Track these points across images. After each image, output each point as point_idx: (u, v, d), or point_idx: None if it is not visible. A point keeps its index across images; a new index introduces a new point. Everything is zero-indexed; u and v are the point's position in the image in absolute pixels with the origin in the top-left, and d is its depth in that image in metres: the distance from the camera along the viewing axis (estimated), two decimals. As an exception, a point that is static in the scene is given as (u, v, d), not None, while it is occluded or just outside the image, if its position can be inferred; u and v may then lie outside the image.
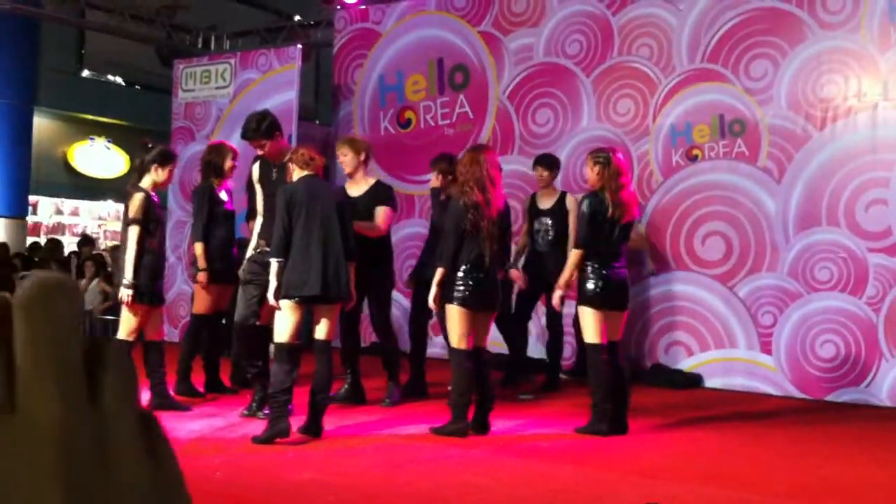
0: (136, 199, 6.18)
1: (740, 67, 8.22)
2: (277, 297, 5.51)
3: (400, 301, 9.46)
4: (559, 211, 7.57)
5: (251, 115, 6.46)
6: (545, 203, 7.70)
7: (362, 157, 6.77)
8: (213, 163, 7.12)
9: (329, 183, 7.73)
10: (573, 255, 5.88)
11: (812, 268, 7.77)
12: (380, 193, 6.72)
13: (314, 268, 5.48)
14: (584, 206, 5.88)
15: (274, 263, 5.55)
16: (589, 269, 5.80)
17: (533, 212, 7.74)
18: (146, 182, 6.29)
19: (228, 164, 7.08)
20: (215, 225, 7.03)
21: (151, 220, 6.24)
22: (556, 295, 5.98)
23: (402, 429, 6.00)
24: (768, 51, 8.10)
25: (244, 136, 6.31)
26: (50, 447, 0.42)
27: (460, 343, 5.71)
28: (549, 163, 7.80)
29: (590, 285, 5.78)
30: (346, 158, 6.76)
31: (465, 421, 5.69)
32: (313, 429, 5.54)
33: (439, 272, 5.76)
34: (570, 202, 7.58)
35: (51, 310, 0.43)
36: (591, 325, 5.79)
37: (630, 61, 8.81)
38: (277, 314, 5.59)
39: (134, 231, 6.16)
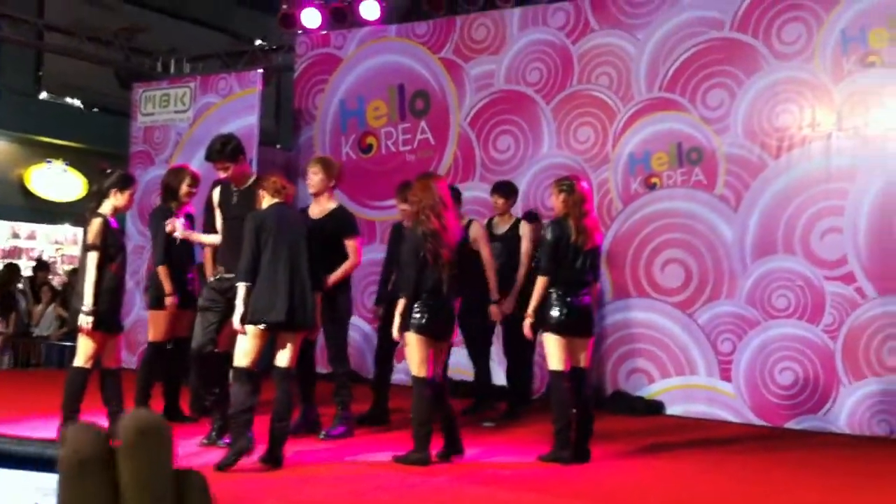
0: (95, 225, 6.11)
1: (697, 96, 8.33)
2: (244, 321, 5.46)
3: (360, 326, 9.44)
4: (512, 237, 7.59)
5: (216, 137, 6.40)
6: (500, 228, 7.74)
7: (332, 182, 6.74)
8: (170, 186, 7.04)
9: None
10: (539, 282, 5.90)
11: (770, 295, 7.86)
12: (342, 220, 6.67)
13: (281, 294, 5.45)
14: (548, 234, 5.92)
15: (241, 287, 5.50)
16: (553, 295, 5.82)
17: (489, 237, 7.76)
18: (106, 207, 6.22)
19: (184, 188, 6.96)
20: (171, 249, 6.95)
21: (111, 246, 6.17)
22: (526, 323, 5.98)
23: (365, 456, 5.96)
24: (725, 80, 8.22)
25: (208, 157, 6.26)
26: None
27: (419, 370, 5.70)
28: (505, 191, 7.81)
29: (554, 312, 5.80)
30: (316, 178, 6.66)
31: (427, 450, 5.67)
32: (274, 458, 5.48)
33: (402, 302, 5.74)
34: (524, 228, 7.62)
35: (152, 455, 0.52)
36: (553, 351, 5.82)
37: (590, 89, 8.89)
38: (240, 339, 5.53)
39: (93, 257, 6.09)
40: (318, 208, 6.68)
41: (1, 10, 11.71)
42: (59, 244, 16.15)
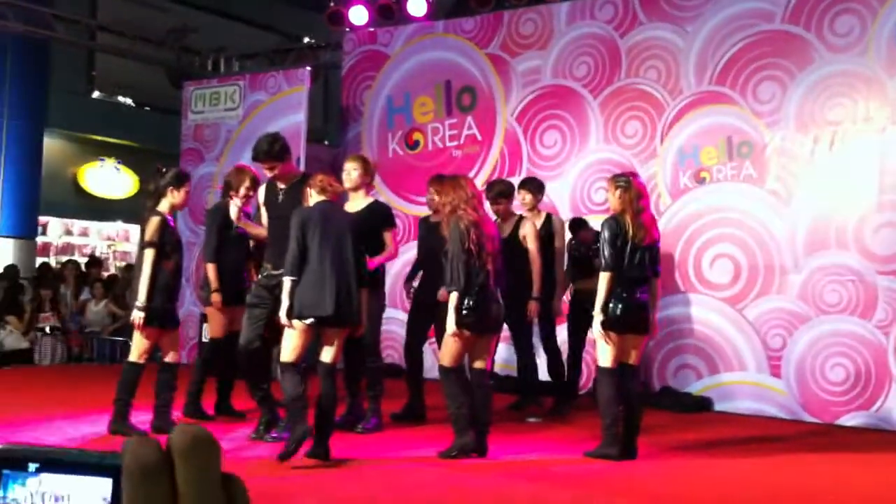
0: (153, 223, 6.22)
1: (748, 90, 8.23)
2: (290, 316, 5.50)
3: (403, 319, 9.47)
4: (544, 234, 7.50)
5: (263, 136, 6.47)
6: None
7: (369, 178, 6.79)
8: (229, 183, 7.07)
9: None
10: (604, 278, 5.80)
11: (821, 290, 7.74)
12: (381, 213, 6.70)
13: (328, 290, 5.48)
14: (605, 230, 5.84)
15: (287, 282, 5.53)
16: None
17: None
18: (164, 205, 6.32)
19: (243, 190, 6.94)
20: (226, 247, 7.00)
21: (167, 244, 6.26)
22: (596, 322, 5.80)
23: (407, 452, 5.97)
24: (776, 73, 8.11)
25: (255, 157, 6.33)
26: None
27: (452, 362, 5.70)
28: (533, 186, 7.73)
29: (610, 308, 5.73)
30: (355, 174, 6.68)
31: (469, 435, 5.65)
32: (321, 452, 5.51)
33: (455, 297, 5.70)
34: (556, 225, 7.56)
35: (204, 464, 0.60)
36: (605, 347, 5.77)
37: (638, 83, 8.82)
38: (286, 334, 5.57)
39: (150, 254, 6.19)
40: (355, 204, 6.70)
41: (54, 11, 11.92)
42: (111, 241, 16.41)
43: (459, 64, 9.96)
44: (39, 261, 14.07)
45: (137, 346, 6.31)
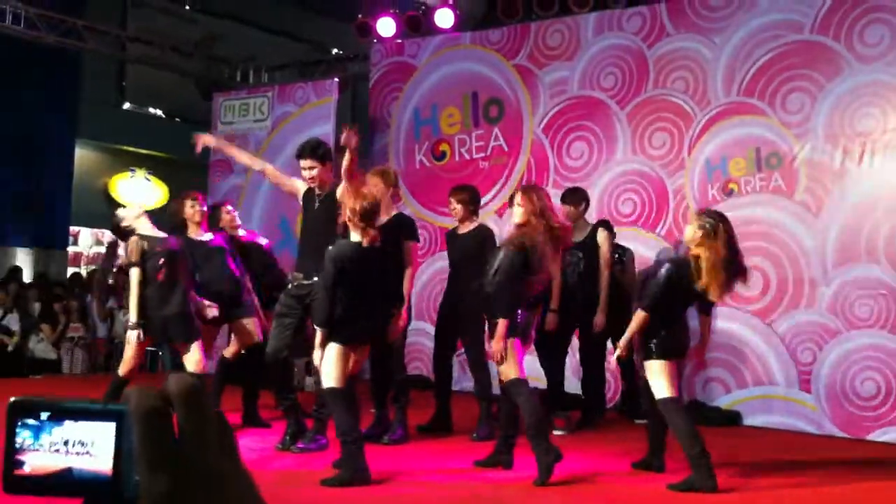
0: (130, 244, 6.33)
1: (777, 101, 8.16)
2: (323, 346, 5.46)
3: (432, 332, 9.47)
4: (590, 245, 7.47)
5: (311, 138, 6.79)
6: (576, 236, 7.57)
7: (391, 189, 6.78)
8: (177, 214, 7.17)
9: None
10: (638, 317, 5.53)
11: (851, 304, 7.66)
12: (403, 225, 6.71)
13: (363, 311, 5.50)
14: (662, 272, 5.56)
15: (319, 333, 5.47)
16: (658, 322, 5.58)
17: None
18: (144, 224, 6.47)
19: (187, 210, 7.07)
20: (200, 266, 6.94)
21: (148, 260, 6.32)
22: (622, 345, 5.72)
23: (436, 464, 5.96)
24: (805, 84, 8.04)
25: (299, 154, 6.41)
26: (213, 481, 0.70)
27: (518, 372, 5.59)
28: (575, 198, 7.67)
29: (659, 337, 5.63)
30: (374, 190, 6.68)
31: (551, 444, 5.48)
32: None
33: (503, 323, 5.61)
34: (601, 236, 7.49)
35: (199, 401, 0.71)
36: (660, 376, 5.59)
37: (665, 94, 8.78)
38: (327, 358, 5.47)
39: (134, 273, 6.28)
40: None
41: (85, 22, 12.05)
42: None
43: (486, 75, 9.96)
44: (71, 271, 14.21)
45: (126, 362, 6.41)
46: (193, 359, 6.33)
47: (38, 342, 10.65)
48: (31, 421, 0.74)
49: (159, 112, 16.21)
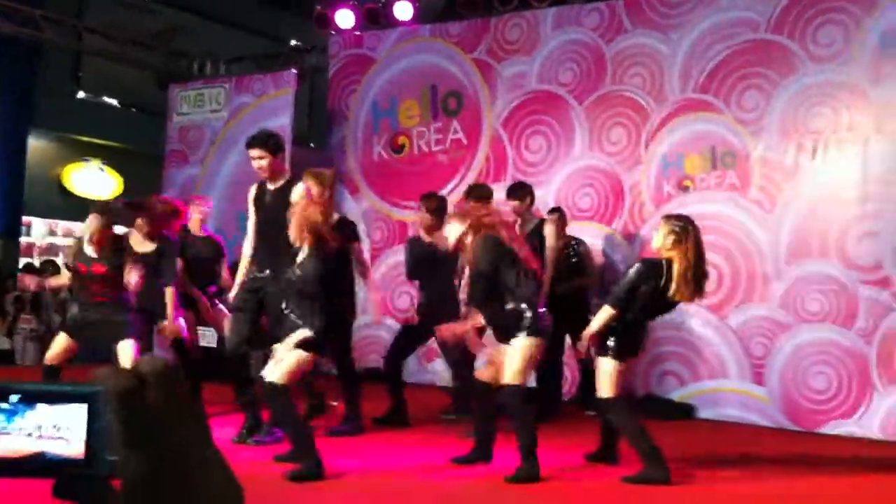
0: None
1: (732, 98, 8.26)
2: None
3: (393, 326, 9.47)
4: (536, 238, 7.45)
5: (262, 129, 6.72)
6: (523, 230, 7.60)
7: (327, 192, 6.60)
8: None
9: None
10: (603, 311, 5.57)
11: (803, 299, 7.78)
12: (345, 227, 6.66)
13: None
14: (632, 272, 5.59)
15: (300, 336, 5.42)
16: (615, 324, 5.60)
17: None
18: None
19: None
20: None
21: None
22: (583, 343, 5.78)
23: (397, 459, 5.97)
24: (760, 82, 8.14)
25: (249, 143, 6.35)
26: (189, 459, 0.72)
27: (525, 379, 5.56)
28: (520, 194, 7.58)
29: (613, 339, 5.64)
30: (312, 192, 6.56)
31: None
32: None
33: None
34: (548, 228, 7.46)
35: (171, 380, 0.72)
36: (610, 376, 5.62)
37: (623, 90, 8.84)
38: (291, 356, 5.44)
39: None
40: None
41: (42, 12, 11.86)
42: (95, 242, 16.29)
43: (445, 68, 9.96)
44: (23, 261, 14.00)
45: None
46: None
47: (-11, 333, 10.51)
48: (2, 405, 0.75)
49: (115, 102, 16.00)
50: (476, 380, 5.84)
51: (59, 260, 13.96)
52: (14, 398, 0.75)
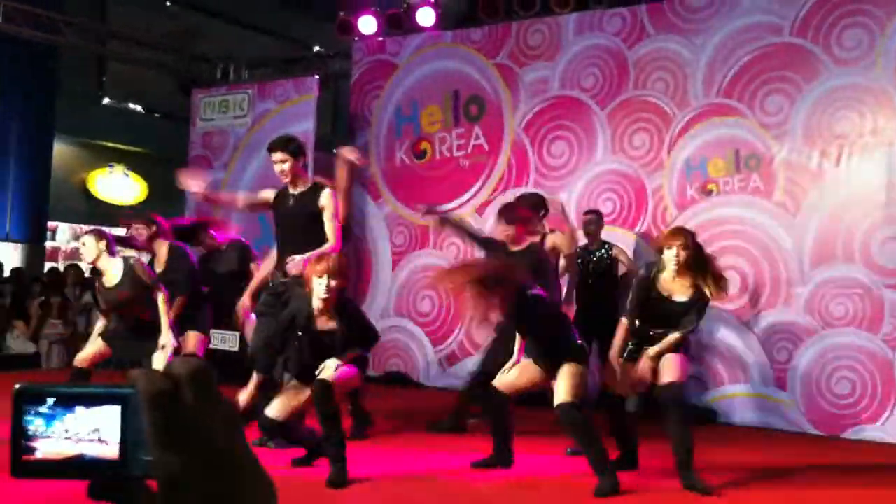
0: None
1: (756, 102, 8.24)
2: None
3: (410, 329, 9.50)
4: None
5: (284, 133, 6.83)
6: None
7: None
8: None
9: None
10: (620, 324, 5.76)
11: (828, 304, 7.74)
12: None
13: None
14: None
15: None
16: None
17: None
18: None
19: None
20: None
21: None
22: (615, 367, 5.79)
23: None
24: (784, 86, 8.11)
25: (270, 147, 6.36)
26: (223, 460, 0.71)
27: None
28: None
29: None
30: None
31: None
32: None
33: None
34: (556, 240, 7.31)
35: (206, 381, 0.72)
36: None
37: (645, 95, 8.84)
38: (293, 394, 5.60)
39: None
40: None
41: (65, 17, 11.98)
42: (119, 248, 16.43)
43: (468, 74, 9.98)
44: (48, 266, 14.13)
45: None
46: None
47: (15, 338, 10.59)
48: (41, 409, 0.76)
49: (139, 108, 16.14)
50: (494, 389, 5.80)
51: (83, 265, 14.08)
52: (50, 401, 0.76)
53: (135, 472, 0.76)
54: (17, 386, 0.77)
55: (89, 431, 0.76)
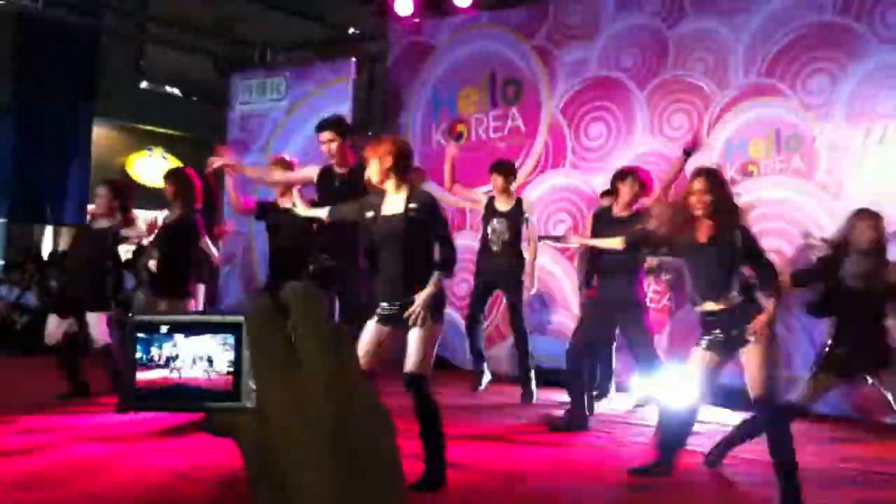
0: None
1: (797, 82, 8.11)
2: None
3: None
4: (515, 214, 7.71)
5: (333, 113, 6.97)
6: (502, 206, 7.79)
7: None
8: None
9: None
10: None
11: (870, 286, 7.62)
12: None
13: None
14: None
15: None
16: None
17: (490, 214, 7.90)
18: None
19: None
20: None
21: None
22: None
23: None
24: (826, 65, 7.98)
25: (320, 126, 6.41)
26: (324, 381, 0.68)
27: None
28: (504, 170, 7.85)
29: None
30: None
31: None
32: None
33: None
34: (527, 206, 7.83)
35: (316, 307, 0.71)
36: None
37: (685, 75, 8.74)
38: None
39: None
40: None
41: (106, 1, 12.05)
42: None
43: (505, 55, 9.92)
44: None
45: None
46: None
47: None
48: (151, 336, 0.75)
49: (177, 91, 16.23)
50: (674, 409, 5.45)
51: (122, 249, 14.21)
52: (163, 329, 0.75)
53: (246, 403, 0.74)
54: (132, 317, 0.76)
55: (197, 359, 0.75)
